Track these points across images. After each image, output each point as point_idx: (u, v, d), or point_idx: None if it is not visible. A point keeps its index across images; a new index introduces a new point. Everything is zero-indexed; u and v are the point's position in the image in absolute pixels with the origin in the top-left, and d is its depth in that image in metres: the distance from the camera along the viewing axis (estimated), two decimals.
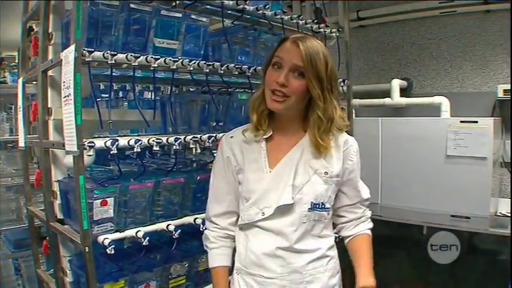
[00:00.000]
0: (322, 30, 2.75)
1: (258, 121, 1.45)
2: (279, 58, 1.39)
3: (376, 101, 3.65)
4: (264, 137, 1.47)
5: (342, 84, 2.92)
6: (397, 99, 3.53)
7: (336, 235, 1.60)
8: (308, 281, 1.44)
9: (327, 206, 1.47)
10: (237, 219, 1.53)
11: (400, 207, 3.08)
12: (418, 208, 2.99)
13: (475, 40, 3.46)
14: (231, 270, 1.54)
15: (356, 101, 3.66)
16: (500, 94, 3.08)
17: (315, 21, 2.66)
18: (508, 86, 3.01)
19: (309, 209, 1.43)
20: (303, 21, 2.53)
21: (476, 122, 2.75)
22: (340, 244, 1.61)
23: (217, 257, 1.53)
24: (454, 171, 2.83)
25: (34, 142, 2.05)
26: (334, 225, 1.60)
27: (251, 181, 1.45)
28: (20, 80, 2.22)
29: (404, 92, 3.72)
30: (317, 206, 1.44)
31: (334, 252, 1.54)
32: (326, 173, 1.44)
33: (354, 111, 3.67)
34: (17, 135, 2.50)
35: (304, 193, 1.42)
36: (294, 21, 2.44)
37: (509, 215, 2.84)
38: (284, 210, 1.41)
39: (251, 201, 1.44)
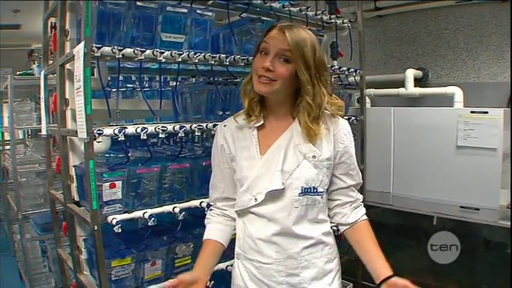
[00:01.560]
0: (333, 21, 2.79)
1: (250, 106, 1.50)
2: (266, 43, 1.43)
3: (391, 91, 3.66)
4: (256, 125, 1.51)
5: (354, 74, 2.97)
6: (411, 89, 3.54)
7: (332, 224, 1.59)
8: (303, 266, 1.49)
9: (320, 190, 1.49)
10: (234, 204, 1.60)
11: (411, 197, 3.08)
12: (429, 198, 2.99)
13: (491, 30, 3.42)
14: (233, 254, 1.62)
15: (371, 91, 3.69)
16: None
17: (324, 11, 2.71)
18: None
19: (299, 193, 1.46)
20: (313, 12, 2.59)
21: (487, 112, 2.72)
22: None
23: (207, 232, 1.60)
24: (464, 162, 2.82)
25: (54, 130, 2.21)
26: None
27: (244, 168, 1.50)
28: (42, 73, 2.37)
29: (420, 82, 3.72)
30: (308, 190, 1.47)
31: (330, 239, 1.56)
32: (314, 156, 1.46)
33: (369, 101, 3.73)
34: (41, 124, 2.67)
35: (294, 178, 1.45)
36: (303, 12, 2.49)
37: None
38: (275, 195, 1.45)
39: (244, 188, 1.50)
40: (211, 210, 1.65)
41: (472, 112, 2.79)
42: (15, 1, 4.82)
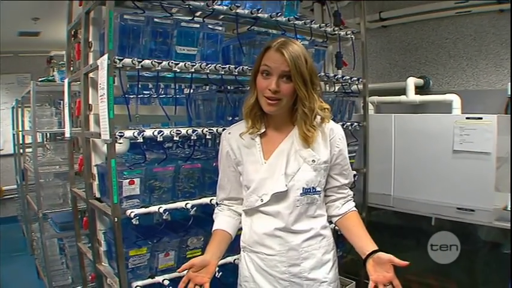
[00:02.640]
0: (336, 32, 2.95)
1: (253, 123, 1.67)
2: (267, 67, 1.56)
3: (393, 98, 3.82)
4: (258, 133, 1.67)
5: (357, 82, 3.13)
6: (412, 96, 3.69)
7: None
8: (304, 257, 1.66)
9: (318, 189, 1.67)
10: (240, 202, 1.77)
11: (410, 199, 3.20)
12: (427, 200, 3.10)
13: (489, 39, 3.58)
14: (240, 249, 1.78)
15: (374, 98, 3.87)
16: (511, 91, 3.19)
17: (327, 24, 2.87)
18: None
19: (301, 193, 1.63)
20: (316, 25, 2.75)
21: (481, 118, 2.85)
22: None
23: (216, 224, 1.76)
24: (460, 166, 2.94)
25: (77, 133, 2.41)
26: None
27: (250, 172, 1.67)
28: (66, 81, 2.58)
29: (422, 90, 3.88)
30: (308, 190, 1.65)
31: (327, 232, 1.74)
32: (313, 160, 1.64)
33: (373, 108, 3.89)
34: (64, 127, 2.86)
35: (296, 180, 1.63)
36: (307, 25, 2.66)
37: None
38: (280, 196, 1.63)
39: (251, 190, 1.67)
40: (218, 206, 1.83)
41: (467, 118, 2.92)
42: (34, 9, 5.01)
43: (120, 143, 1.84)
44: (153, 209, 1.99)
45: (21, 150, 5.63)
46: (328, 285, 1.70)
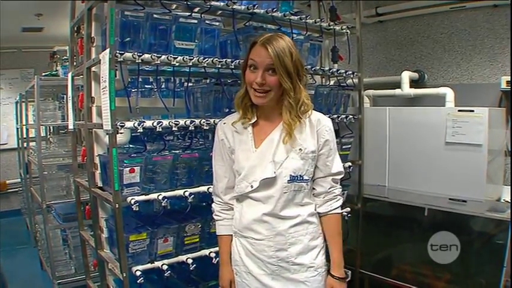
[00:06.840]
0: (332, 27, 3.02)
1: (244, 113, 1.77)
2: (253, 61, 1.66)
3: (388, 92, 3.90)
4: (250, 123, 1.77)
5: (352, 76, 3.20)
6: (406, 90, 3.77)
7: None
8: (291, 242, 1.75)
9: (305, 178, 1.75)
10: None
11: (404, 190, 3.28)
12: (421, 191, 3.19)
13: (484, 34, 3.65)
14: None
15: (370, 92, 3.95)
16: (504, 85, 3.26)
17: (323, 19, 2.94)
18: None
19: (288, 180, 1.72)
20: (312, 20, 2.82)
21: (473, 111, 2.93)
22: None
23: (221, 228, 1.88)
24: (452, 157, 3.02)
25: (80, 124, 2.50)
26: None
27: (241, 159, 1.77)
28: (70, 75, 2.67)
29: (417, 83, 3.96)
30: (295, 178, 1.73)
31: (314, 219, 1.81)
32: (300, 149, 1.72)
33: (369, 101, 3.96)
34: (68, 120, 2.94)
35: (284, 167, 1.72)
36: (303, 21, 2.73)
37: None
38: (268, 182, 1.72)
39: (241, 176, 1.76)
40: (218, 204, 1.90)
41: (459, 111, 3.00)
42: (37, 5, 5.08)
43: (121, 133, 1.93)
44: (153, 196, 2.07)
45: (25, 144, 5.72)
46: (315, 270, 1.79)
